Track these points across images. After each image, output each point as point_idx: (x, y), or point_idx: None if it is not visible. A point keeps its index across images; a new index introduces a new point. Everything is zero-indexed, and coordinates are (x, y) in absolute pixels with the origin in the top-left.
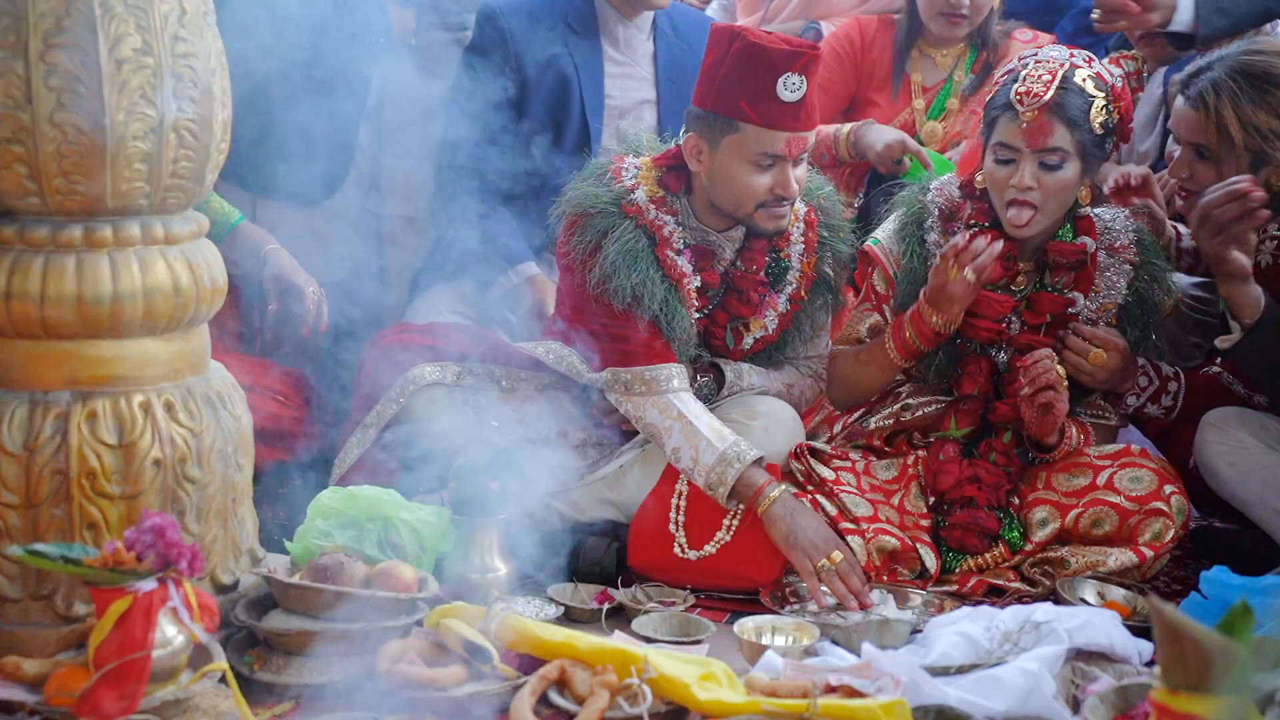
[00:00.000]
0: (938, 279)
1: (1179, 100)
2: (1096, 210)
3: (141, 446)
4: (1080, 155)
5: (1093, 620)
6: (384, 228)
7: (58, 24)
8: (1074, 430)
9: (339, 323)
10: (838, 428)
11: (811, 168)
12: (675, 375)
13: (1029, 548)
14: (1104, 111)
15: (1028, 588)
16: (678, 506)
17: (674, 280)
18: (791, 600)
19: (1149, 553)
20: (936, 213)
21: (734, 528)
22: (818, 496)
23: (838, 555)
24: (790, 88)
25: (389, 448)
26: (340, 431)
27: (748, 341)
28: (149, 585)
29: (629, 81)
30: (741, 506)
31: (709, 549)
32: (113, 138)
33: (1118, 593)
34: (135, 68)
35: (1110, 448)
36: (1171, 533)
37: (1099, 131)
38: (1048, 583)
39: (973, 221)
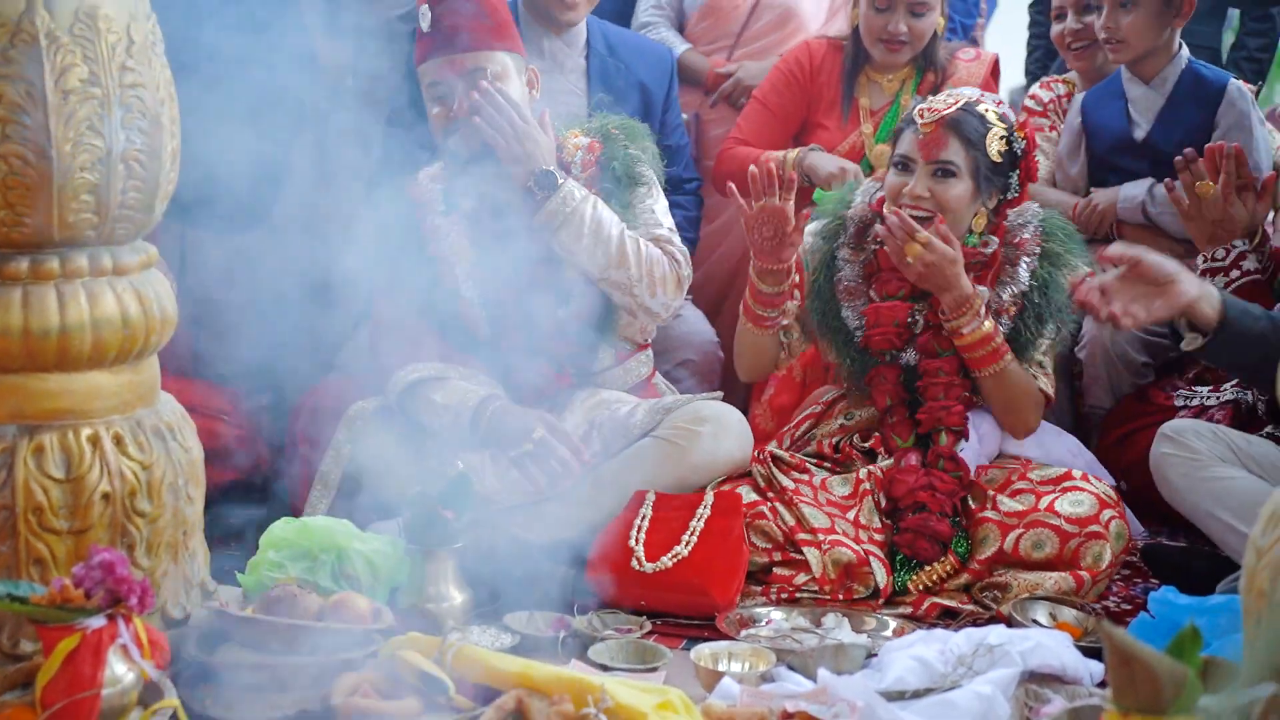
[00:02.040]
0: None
1: None
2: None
3: (90, 480)
4: (973, 176)
5: (1045, 642)
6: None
7: (2, 55)
8: (988, 320)
9: (285, 340)
10: (787, 442)
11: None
12: (404, 377)
13: (975, 567)
14: (1002, 141)
15: (981, 610)
16: (640, 526)
17: (431, 237)
18: (748, 626)
19: (1087, 576)
20: (852, 230)
21: (692, 543)
22: (777, 505)
23: (538, 433)
24: (421, 17)
25: (352, 489)
26: (284, 452)
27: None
28: (98, 622)
29: (558, 95)
30: (699, 525)
31: (665, 561)
32: (59, 169)
33: (1069, 614)
34: (82, 98)
35: (1053, 472)
36: (1109, 557)
37: (995, 159)
38: (995, 607)
39: (879, 240)
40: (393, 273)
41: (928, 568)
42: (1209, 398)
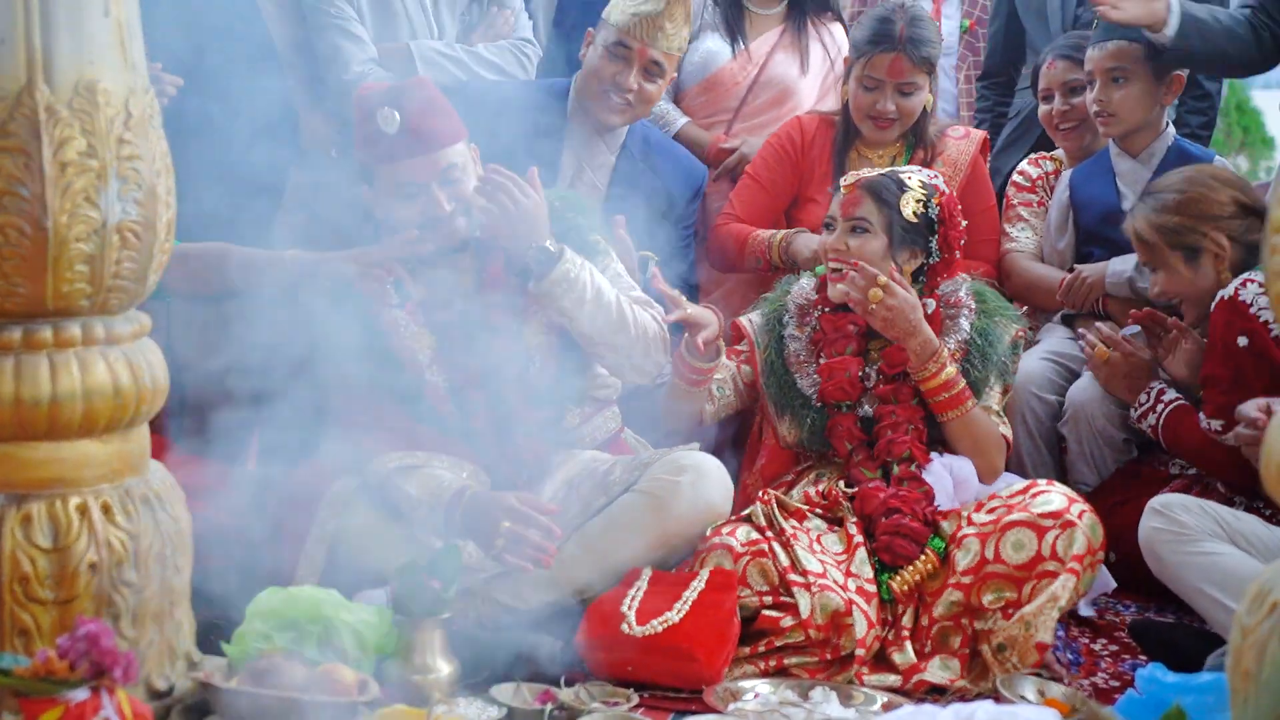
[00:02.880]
0: None
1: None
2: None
3: (77, 550)
4: (886, 232)
5: None
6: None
7: (1, 129)
8: (951, 366)
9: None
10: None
11: None
12: (379, 466)
13: (964, 580)
14: (918, 204)
15: (969, 686)
16: (633, 597)
17: (389, 330)
18: (735, 699)
19: (1077, 566)
20: (794, 309)
21: (684, 611)
22: (774, 544)
23: (505, 525)
24: (384, 120)
25: (337, 566)
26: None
27: (535, 341)
28: (81, 695)
29: (580, 187)
30: (693, 596)
31: (655, 625)
32: (55, 240)
33: (1057, 690)
34: (79, 171)
35: (1019, 484)
36: (1084, 542)
37: (909, 218)
38: (1003, 670)
39: (821, 306)
40: (356, 374)
41: (909, 568)
42: None
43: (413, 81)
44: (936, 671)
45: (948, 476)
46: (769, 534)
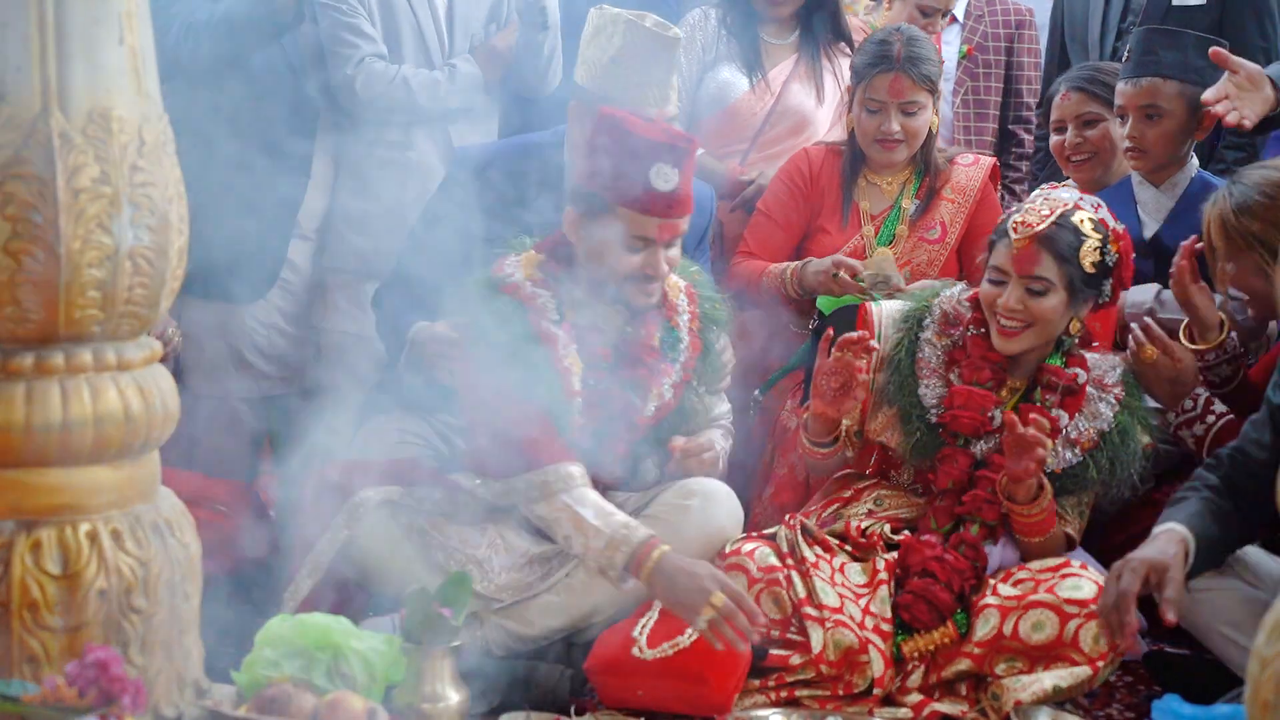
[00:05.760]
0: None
1: None
2: (1088, 353)
3: (86, 577)
4: (1066, 288)
5: None
6: (326, 342)
7: (16, 155)
8: (1048, 487)
9: (282, 436)
10: (811, 521)
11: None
12: (572, 474)
13: (976, 651)
14: (1097, 252)
15: (981, 716)
16: (645, 624)
17: (548, 344)
18: None
19: (1101, 664)
20: (939, 314)
21: (695, 636)
22: (792, 574)
23: (719, 599)
24: (662, 177)
25: (341, 575)
26: (283, 549)
27: (649, 409)
28: None
29: None
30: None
31: (665, 648)
32: (67, 266)
33: None
34: (93, 197)
35: (1052, 561)
36: (1106, 640)
37: (1089, 270)
38: (998, 715)
39: (969, 328)
40: (518, 376)
41: (925, 634)
42: None
43: (686, 140)
44: (947, 704)
45: (1000, 557)
46: (789, 561)
